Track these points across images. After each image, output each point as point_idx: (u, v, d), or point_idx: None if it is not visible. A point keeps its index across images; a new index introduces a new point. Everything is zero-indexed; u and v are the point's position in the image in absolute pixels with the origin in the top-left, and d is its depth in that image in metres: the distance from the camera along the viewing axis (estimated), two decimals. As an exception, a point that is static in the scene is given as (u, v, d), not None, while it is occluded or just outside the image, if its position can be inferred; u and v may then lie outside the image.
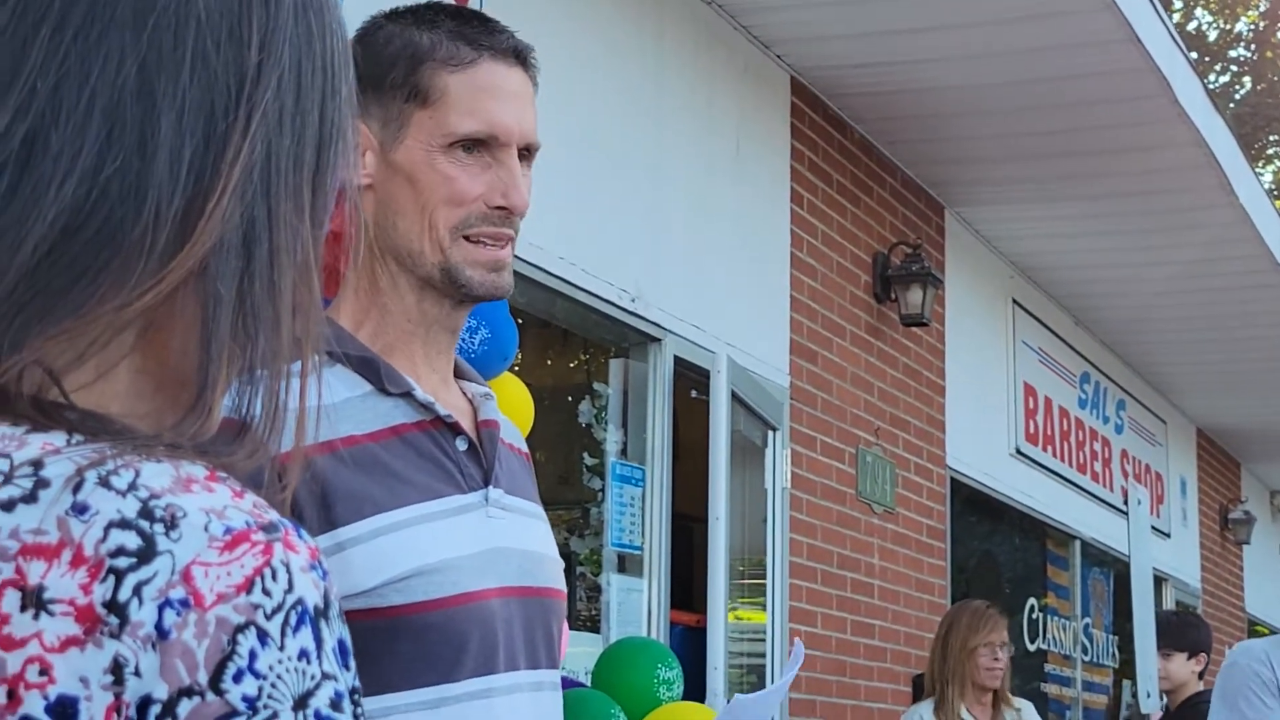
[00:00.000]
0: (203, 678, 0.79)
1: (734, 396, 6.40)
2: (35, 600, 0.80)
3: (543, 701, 2.01)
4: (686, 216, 6.55)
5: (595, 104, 5.89)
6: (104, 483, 0.83)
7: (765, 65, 7.22)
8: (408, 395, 1.96)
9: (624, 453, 6.34)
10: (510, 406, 4.16)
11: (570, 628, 5.21)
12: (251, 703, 0.80)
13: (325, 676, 0.83)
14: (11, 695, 0.79)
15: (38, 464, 0.84)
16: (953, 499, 9.13)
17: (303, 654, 0.82)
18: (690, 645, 6.81)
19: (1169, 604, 13.46)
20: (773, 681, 6.97)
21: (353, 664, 0.86)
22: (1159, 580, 13.02)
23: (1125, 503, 6.44)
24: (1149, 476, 12.85)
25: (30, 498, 0.83)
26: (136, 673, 0.79)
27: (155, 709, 0.79)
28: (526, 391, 4.26)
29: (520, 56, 2.03)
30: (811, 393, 7.47)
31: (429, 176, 1.96)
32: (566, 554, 7.14)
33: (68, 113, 0.88)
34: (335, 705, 0.83)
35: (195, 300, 0.91)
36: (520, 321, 4.79)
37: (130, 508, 0.82)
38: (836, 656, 7.57)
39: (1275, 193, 24.68)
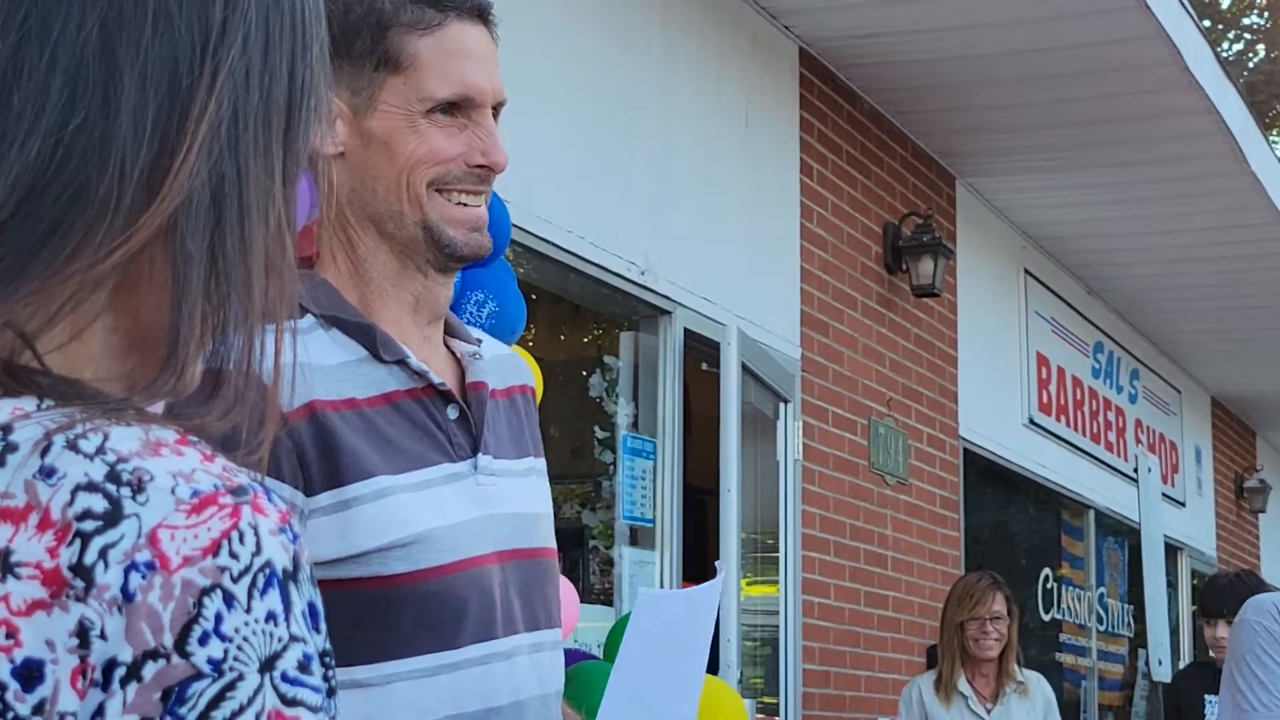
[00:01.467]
0: (168, 640, 0.79)
1: (745, 368, 6.39)
2: (2, 564, 0.80)
3: (542, 662, 2.02)
4: (695, 188, 6.54)
5: (603, 77, 5.88)
6: (72, 446, 0.83)
7: (773, 36, 7.20)
8: (401, 363, 1.97)
9: (635, 426, 6.34)
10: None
11: (582, 600, 5.21)
12: (217, 665, 0.80)
13: (294, 639, 0.83)
14: None
15: (6, 428, 0.84)
16: (966, 470, 9.12)
17: (270, 616, 0.82)
18: (703, 617, 6.81)
19: (1184, 573, 13.45)
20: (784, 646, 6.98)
21: (324, 627, 0.86)
22: (1174, 549, 13.01)
23: (1137, 471, 6.43)
24: (1163, 446, 12.83)
25: None
26: (102, 635, 0.79)
27: (120, 671, 0.79)
28: (536, 366, 4.26)
29: (483, 14, 2.03)
30: (823, 364, 7.47)
31: (406, 139, 1.96)
32: (579, 527, 7.15)
33: (29, 72, 0.88)
34: (303, 668, 0.83)
35: (166, 259, 0.91)
36: (532, 297, 4.79)
37: (98, 471, 0.82)
38: (850, 628, 7.58)
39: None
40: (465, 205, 1.98)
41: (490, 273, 3.87)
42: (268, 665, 0.81)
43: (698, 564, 6.89)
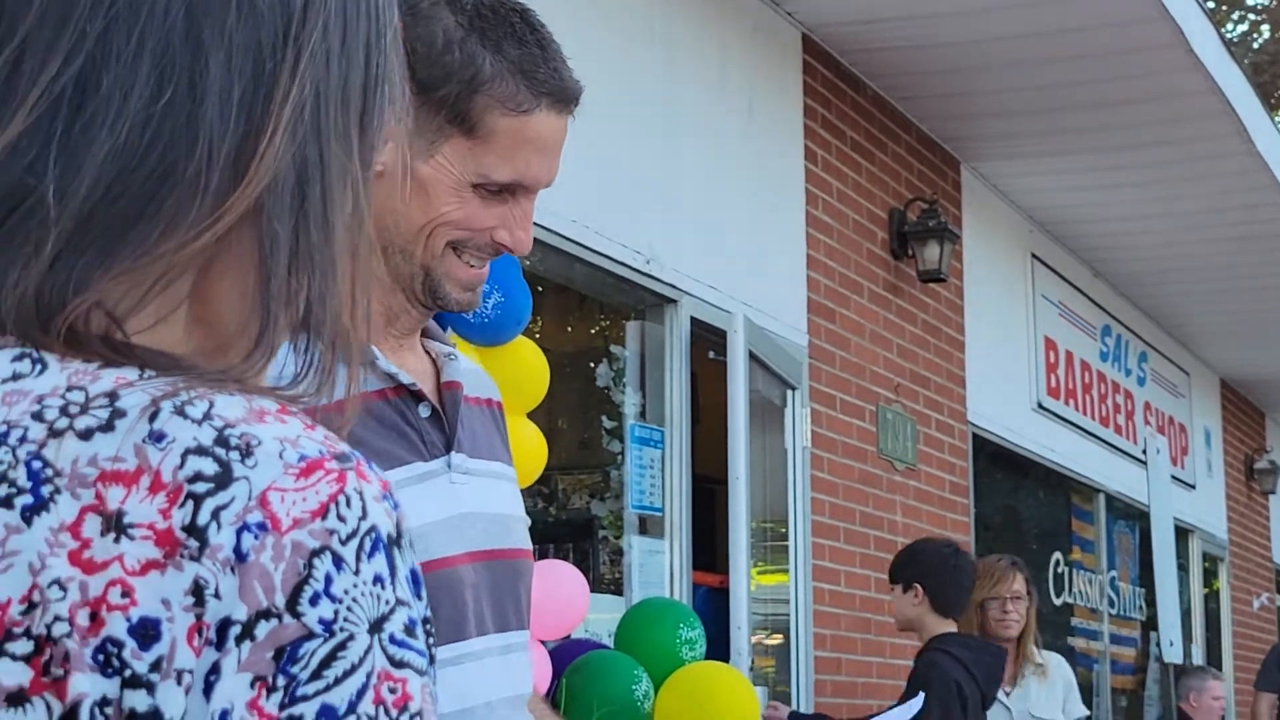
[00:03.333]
0: (280, 600, 0.81)
1: (752, 356, 6.39)
2: (115, 524, 0.81)
3: (512, 664, 2.01)
4: (700, 177, 6.53)
5: (606, 67, 5.87)
6: (179, 412, 0.84)
7: (776, 23, 7.19)
8: (369, 365, 1.95)
9: (643, 415, 6.34)
10: (526, 371, 4.16)
11: (592, 590, 5.22)
12: (328, 625, 0.81)
13: (399, 603, 0.84)
14: (94, 617, 0.80)
15: (113, 395, 0.85)
16: (975, 455, 9.12)
17: (377, 579, 0.83)
18: (713, 606, 6.82)
19: (1195, 556, 13.44)
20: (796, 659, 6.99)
21: (424, 594, 0.87)
22: (1185, 532, 13.00)
23: (1145, 453, 6.42)
24: (1172, 428, 12.82)
25: (107, 427, 0.84)
26: (216, 595, 0.81)
27: (235, 630, 0.80)
28: (542, 356, 4.26)
29: (574, 102, 1.99)
30: (830, 351, 7.46)
31: (448, 199, 1.92)
32: (588, 517, 7.16)
33: (117, 55, 0.89)
34: (409, 631, 0.84)
35: (252, 241, 0.93)
36: (538, 288, 4.79)
37: (206, 435, 0.83)
38: (861, 614, 7.58)
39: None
40: (471, 266, 1.96)
41: (496, 265, 3.87)
42: (376, 627, 0.82)
43: (706, 553, 6.90)
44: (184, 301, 0.93)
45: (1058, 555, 10.98)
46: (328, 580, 0.81)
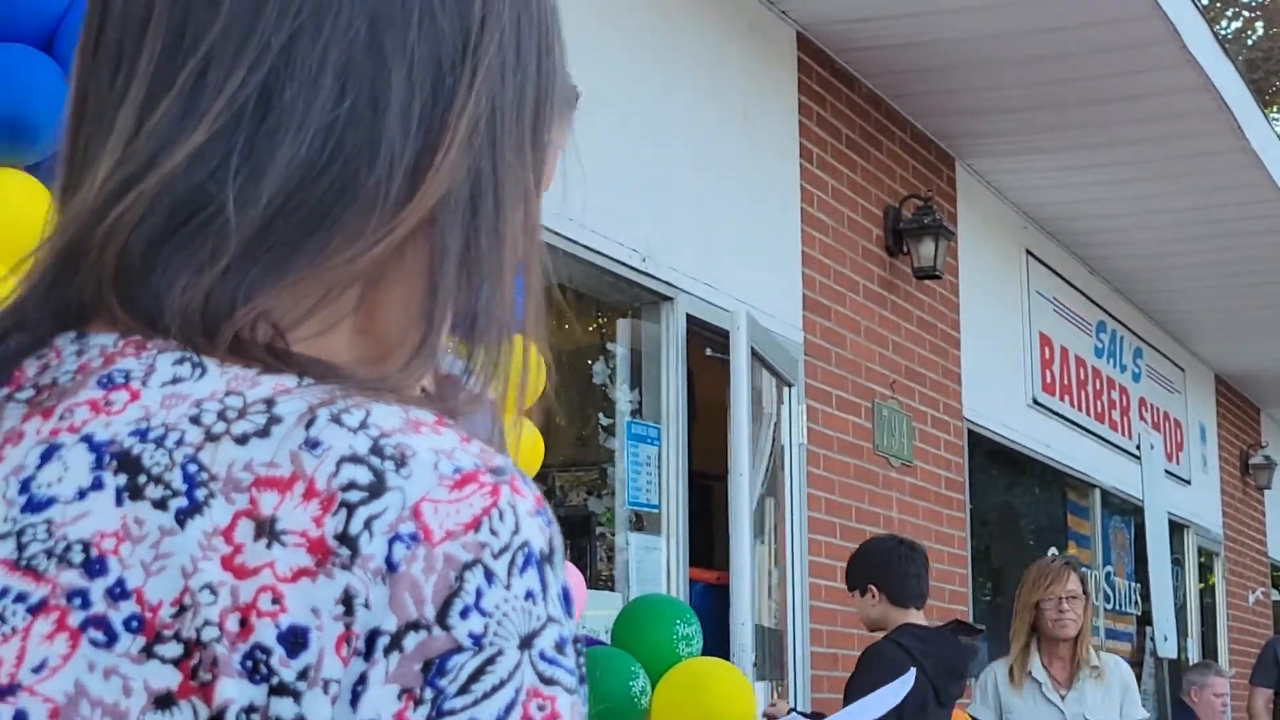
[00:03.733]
0: (430, 612, 0.80)
1: (750, 353, 6.41)
2: (268, 530, 0.81)
3: None
4: (695, 175, 6.55)
5: (602, 65, 5.89)
6: (335, 420, 0.84)
7: (770, 22, 7.21)
8: None
9: (639, 412, 6.35)
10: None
11: (589, 586, 5.23)
12: (477, 639, 0.80)
13: (550, 619, 0.83)
14: (244, 623, 0.80)
15: (270, 401, 0.85)
16: (971, 451, 9.14)
17: (529, 595, 0.82)
18: (710, 602, 6.83)
19: (1190, 551, 13.46)
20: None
21: (574, 613, 0.86)
22: (1180, 527, 13.03)
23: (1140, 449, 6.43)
24: (1168, 424, 12.84)
25: (263, 433, 0.83)
26: (366, 605, 0.80)
27: (383, 640, 0.79)
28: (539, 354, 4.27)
29: (569, 107, 2.00)
30: (825, 348, 7.48)
31: None
32: (585, 514, 7.17)
33: (301, 67, 0.91)
34: (559, 648, 0.83)
35: (423, 251, 0.93)
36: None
37: (361, 444, 0.83)
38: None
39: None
40: None
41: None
42: (526, 642, 0.81)
43: (703, 550, 6.91)
44: (350, 312, 0.93)
45: (1053, 550, 10.99)
46: (478, 594, 0.80)
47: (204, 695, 0.79)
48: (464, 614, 0.80)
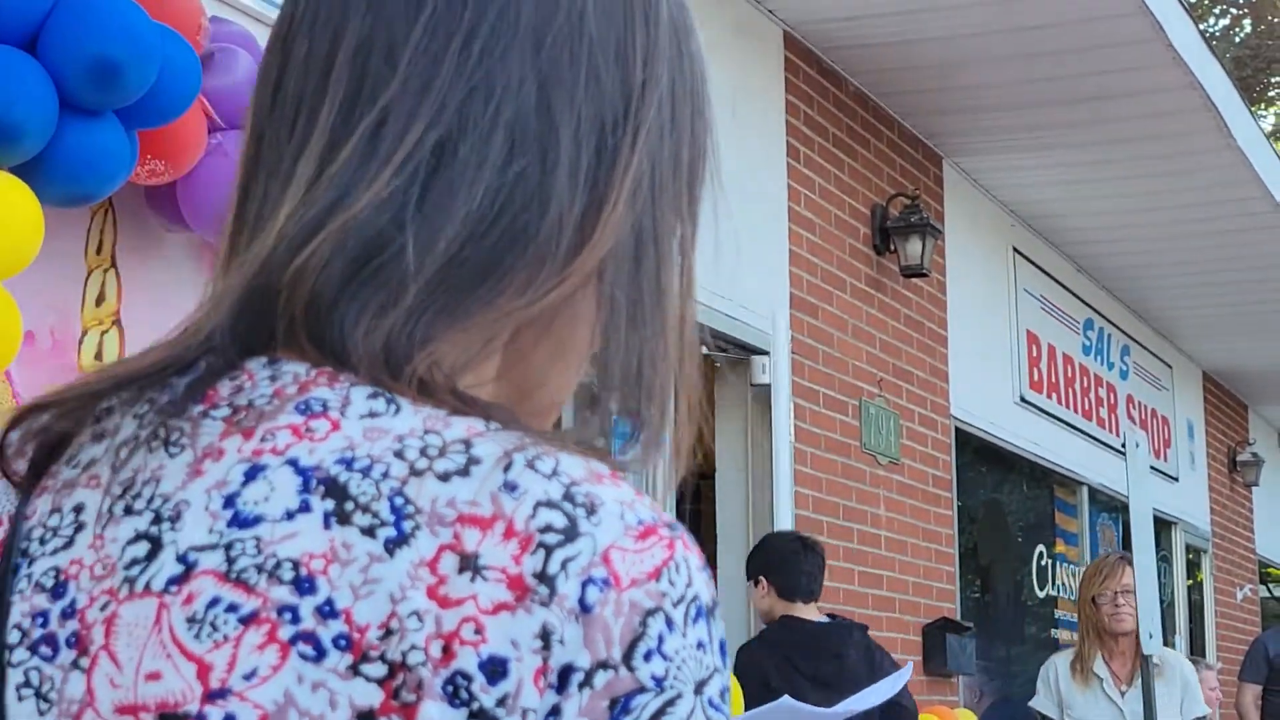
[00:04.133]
0: (617, 653, 0.85)
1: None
2: (471, 565, 0.86)
3: None
4: (682, 174, 6.54)
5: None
6: (530, 465, 0.89)
7: (757, 21, 7.21)
8: None
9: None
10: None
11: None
12: (659, 681, 0.86)
13: (716, 669, 0.89)
14: (446, 650, 0.84)
15: (467, 443, 0.90)
16: (958, 449, 9.15)
17: (700, 644, 0.88)
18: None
19: (1178, 548, 13.48)
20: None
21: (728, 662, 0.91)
22: (1168, 524, 13.05)
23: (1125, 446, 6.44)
24: (1155, 421, 12.86)
25: (464, 472, 0.88)
26: (561, 641, 0.85)
27: (577, 676, 0.85)
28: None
29: None
30: (813, 346, 7.49)
31: None
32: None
33: (475, 124, 0.96)
34: (722, 697, 0.89)
35: (584, 304, 0.99)
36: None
37: (555, 490, 0.88)
38: (845, 607, 7.60)
39: (1278, 135, 24.60)
40: None
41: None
42: (699, 688, 0.87)
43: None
44: (496, 357, 0.98)
45: (1041, 548, 11.02)
46: (660, 639, 0.86)
47: (405, 714, 0.84)
48: (647, 657, 0.85)
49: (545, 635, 0.84)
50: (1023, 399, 10.08)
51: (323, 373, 0.94)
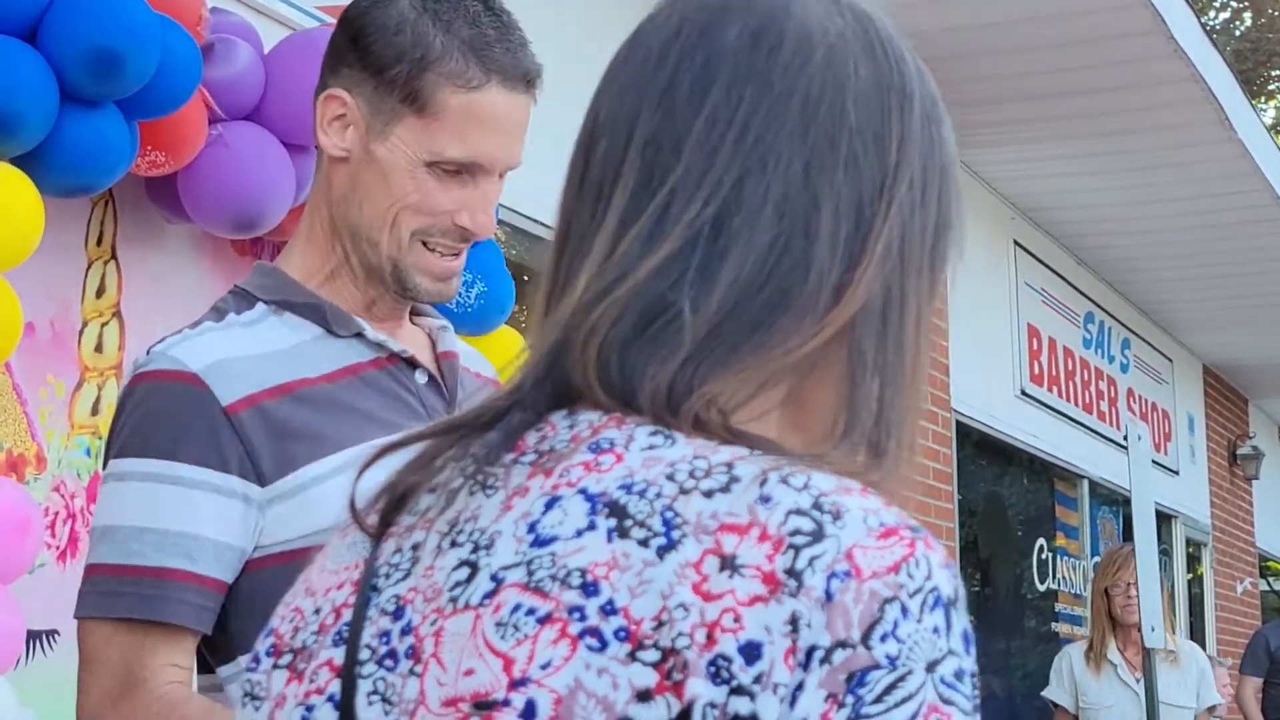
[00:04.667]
0: (855, 634, 0.98)
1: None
2: (730, 564, 0.99)
3: None
4: (683, 166, 6.53)
5: (590, 55, 5.87)
6: (784, 480, 1.03)
7: (758, 12, 7.19)
8: (359, 336, 1.98)
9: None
10: (509, 360, 4.17)
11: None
12: (892, 660, 0.98)
13: (951, 652, 1.00)
14: (709, 636, 0.98)
15: (730, 465, 1.04)
16: (959, 442, 9.14)
17: (935, 629, 0.99)
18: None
19: (1178, 541, 13.48)
20: None
21: (973, 652, 1.03)
22: (1168, 518, 13.04)
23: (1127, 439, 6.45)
24: (1156, 414, 12.86)
25: (725, 489, 1.02)
26: (808, 625, 0.98)
27: (818, 654, 0.97)
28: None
29: (529, 82, 2.01)
30: (813, 339, 7.47)
31: (404, 181, 1.96)
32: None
33: (748, 202, 1.11)
34: (958, 677, 1.00)
35: (839, 353, 1.13)
36: (523, 278, 4.80)
37: (805, 501, 1.01)
38: (845, 601, 7.60)
39: (1279, 128, 24.59)
40: (442, 256, 1.99)
41: (479, 254, 3.89)
42: (931, 667, 0.98)
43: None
44: (778, 405, 1.13)
45: (1041, 541, 11.01)
46: (895, 624, 0.98)
47: (676, 692, 0.97)
48: (883, 639, 0.98)
49: (794, 621, 0.97)
50: (1023, 392, 10.08)
51: (612, 418, 1.09)
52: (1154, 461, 10.77)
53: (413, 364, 2.01)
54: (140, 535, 1.88)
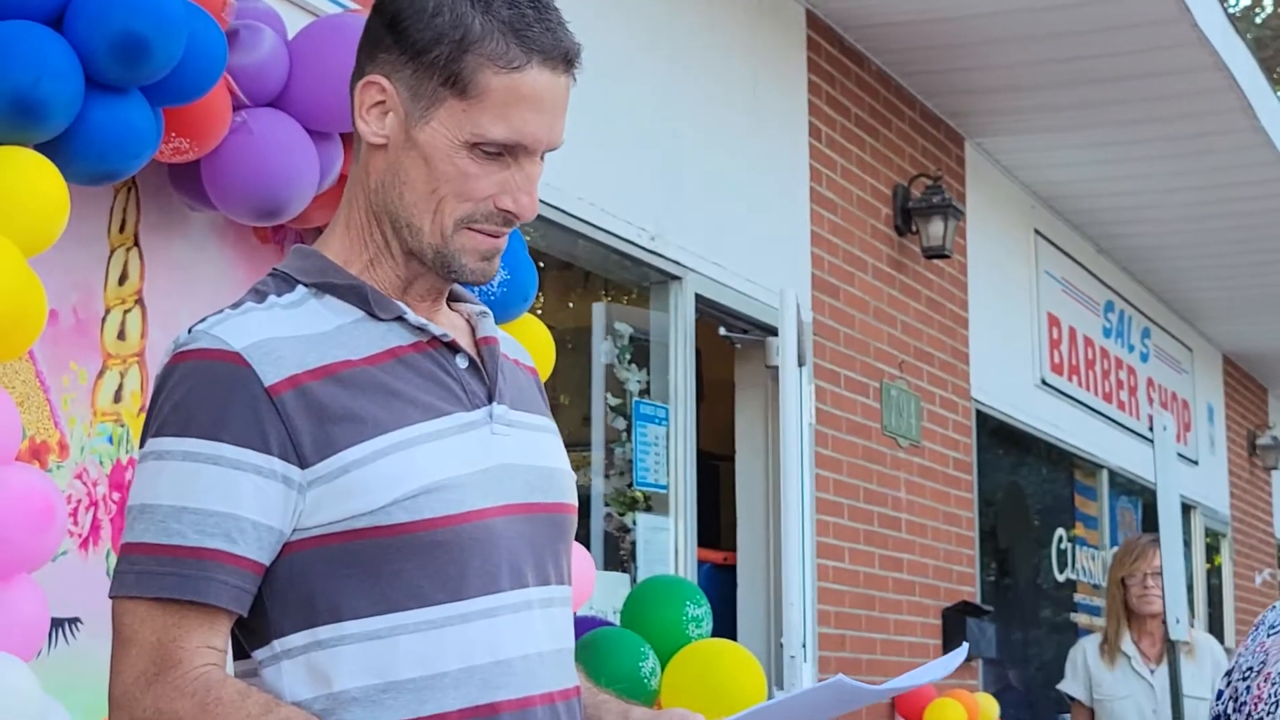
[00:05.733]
0: None
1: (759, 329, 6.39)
2: None
3: (555, 617, 2.01)
4: (704, 153, 6.52)
5: (610, 43, 5.86)
6: None
7: (779, 0, 7.18)
8: (400, 320, 1.97)
9: (647, 392, 6.33)
10: (531, 348, 4.15)
11: (597, 567, 5.21)
12: None
13: None
14: None
15: None
16: (979, 431, 9.12)
17: None
18: (716, 583, 6.82)
19: (1197, 532, 13.45)
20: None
21: None
22: (1187, 508, 13.01)
23: (1151, 430, 6.43)
24: (1175, 404, 12.82)
25: None
26: None
27: None
28: (548, 333, 4.26)
29: (569, 61, 1.99)
30: (834, 328, 7.46)
31: (446, 166, 1.94)
32: (591, 494, 7.15)
33: None
34: None
35: None
36: (541, 264, 4.78)
37: None
38: (865, 591, 7.58)
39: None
40: (485, 235, 1.97)
41: (501, 241, 3.87)
42: None
43: (710, 530, 6.90)
44: None
45: (1060, 531, 10.98)
46: None
47: None
48: None
49: None
50: (1043, 381, 10.05)
51: None
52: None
53: (454, 348, 2.00)
54: (180, 515, 1.86)
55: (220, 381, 1.88)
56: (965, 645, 2.31)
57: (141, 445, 1.94)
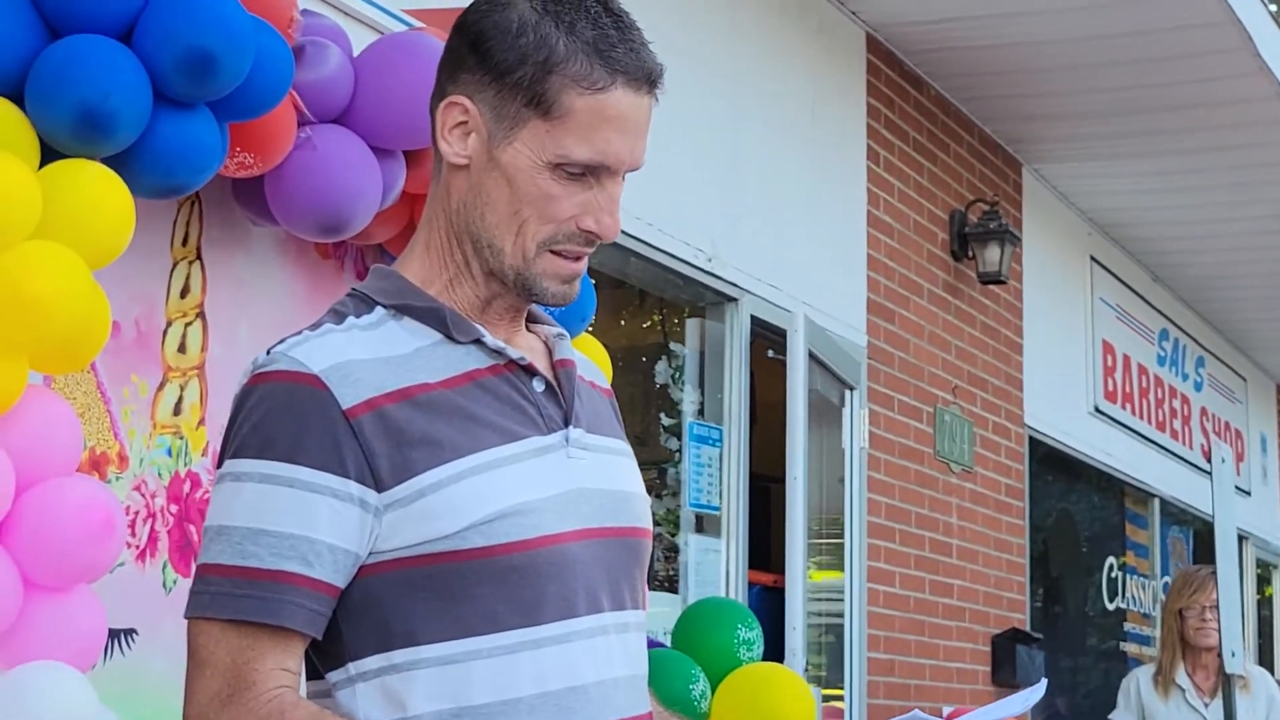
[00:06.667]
0: None
1: (811, 356, 6.37)
2: None
3: (629, 643, 2.00)
4: (762, 175, 6.52)
5: (670, 63, 5.85)
6: None
7: (840, 22, 7.17)
8: (477, 342, 1.97)
9: (701, 413, 6.32)
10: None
11: (649, 588, 5.21)
12: None
13: None
14: None
15: None
16: (1031, 458, 9.08)
17: None
18: (767, 605, 6.79)
19: (1249, 563, 13.36)
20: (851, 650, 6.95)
21: None
22: (1240, 539, 12.92)
23: (1207, 460, 6.39)
24: (1229, 434, 12.74)
25: None
26: None
27: None
28: (604, 352, 4.25)
29: (652, 82, 1.99)
30: (889, 352, 7.44)
31: (529, 187, 1.93)
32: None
33: None
34: None
35: None
36: (596, 282, 4.78)
37: None
38: (915, 616, 7.55)
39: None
40: (567, 259, 1.97)
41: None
42: None
43: (762, 553, 6.87)
44: None
45: (1111, 560, 10.93)
46: None
47: None
48: None
49: None
50: (1097, 409, 10.00)
51: None
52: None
53: (531, 371, 1.99)
54: (256, 537, 1.86)
55: (298, 404, 1.88)
56: (1044, 681, 2.29)
57: (219, 466, 1.94)
